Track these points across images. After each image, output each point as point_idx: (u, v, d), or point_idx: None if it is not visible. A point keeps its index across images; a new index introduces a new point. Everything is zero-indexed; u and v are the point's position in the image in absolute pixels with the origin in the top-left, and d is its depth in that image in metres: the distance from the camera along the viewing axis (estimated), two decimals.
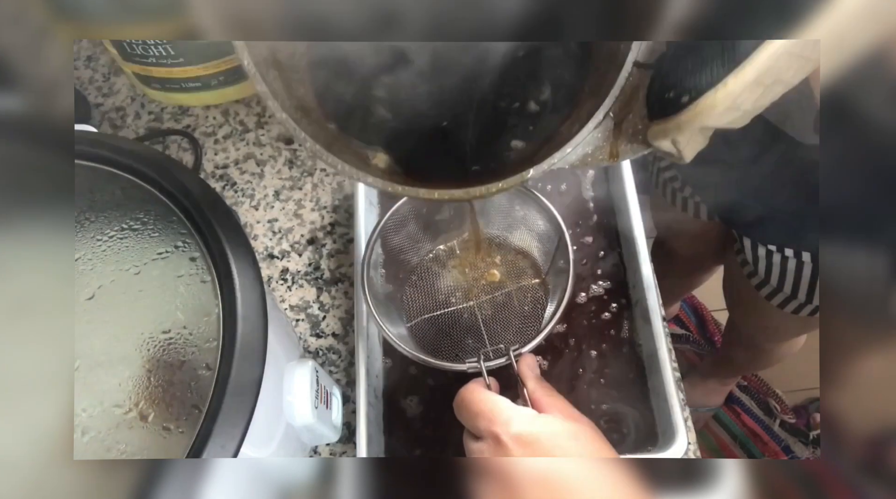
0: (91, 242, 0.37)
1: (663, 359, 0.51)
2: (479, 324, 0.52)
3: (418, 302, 0.54)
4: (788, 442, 1.26)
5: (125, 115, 0.72)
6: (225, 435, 0.31)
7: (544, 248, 0.53)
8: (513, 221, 0.54)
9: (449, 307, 0.53)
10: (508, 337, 0.51)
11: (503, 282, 0.54)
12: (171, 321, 0.35)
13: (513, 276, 0.54)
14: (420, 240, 0.55)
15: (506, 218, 0.54)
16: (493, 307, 0.53)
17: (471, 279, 0.54)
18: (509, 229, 0.55)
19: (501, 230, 0.55)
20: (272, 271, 0.63)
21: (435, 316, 0.53)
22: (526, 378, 0.41)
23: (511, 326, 0.52)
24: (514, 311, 0.53)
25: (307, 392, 0.45)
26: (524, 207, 0.53)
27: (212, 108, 0.72)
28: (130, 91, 0.73)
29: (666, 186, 0.82)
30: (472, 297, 0.53)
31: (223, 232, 0.36)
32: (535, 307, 0.52)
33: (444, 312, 0.53)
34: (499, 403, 0.37)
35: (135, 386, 0.33)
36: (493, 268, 0.55)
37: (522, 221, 0.54)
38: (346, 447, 0.55)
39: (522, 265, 0.54)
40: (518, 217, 0.54)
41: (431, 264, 0.55)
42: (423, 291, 0.54)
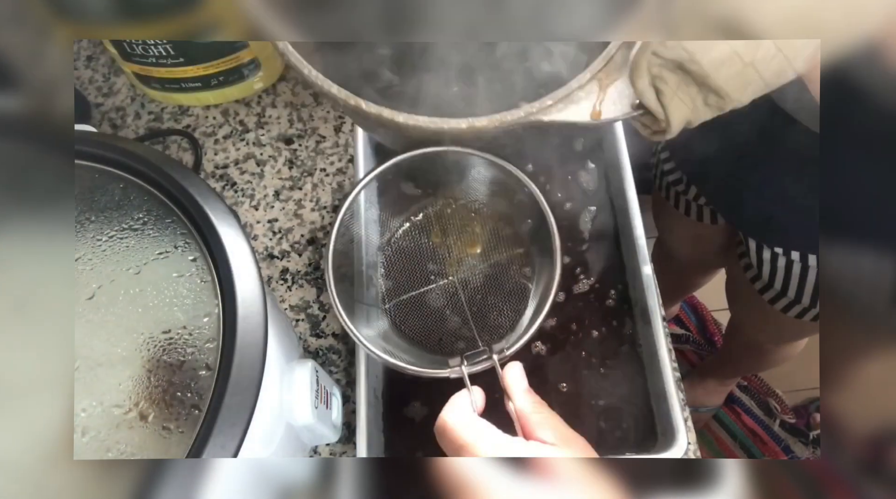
0: (91, 242, 0.37)
1: (663, 359, 0.51)
2: (461, 302, 0.49)
3: (395, 282, 0.52)
4: (788, 442, 1.26)
5: (125, 115, 0.72)
6: (225, 435, 0.31)
7: (526, 223, 0.52)
8: (494, 191, 0.52)
9: (428, 285, 0.51)
10: (495, 315, 0.49)
11: (485, 254, 0.52)
12: (171, 321, 0.35)
13: (493, 247, 0.52)
14: (393, 214, 0.53)
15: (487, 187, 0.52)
16: (475, 283, 0.51)
17: (449, 253, 0.52)
18: (490, 201, 0.53)
19: (482, 199, 0.53)
20: (272, 271, 0.63)
21: (413, 296, 0.50)
22: (512, 393, 0.39)
23: (495, 304, 0.50)
24: (498, 288, 0.51)
25: (307, 392, 0.45)
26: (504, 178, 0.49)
27: (212, 108, 0.72)
28: (130, 91, 0.73)
29: (669, 189, 0.82)
30: (452, 272, 0.51)
31: (223, 232, 0.36)
32: (521, 282, 0.50)
33: (423, 290, 0.51)
34: (483, 434, 0.35)
35: (135, 386, 0.33)
36: (474, 239, 0.53)
37: (502, 194, 0.51)
38: (346, 447, 0.55)
39: (504, 235, 0.52)
40: (498, 189, 0.51)
41: (405, 240, 0.53)
42: (399, 269, 0.52)
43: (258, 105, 0.71)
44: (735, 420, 1.29)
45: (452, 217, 0.53)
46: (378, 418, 0.53)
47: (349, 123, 0.70)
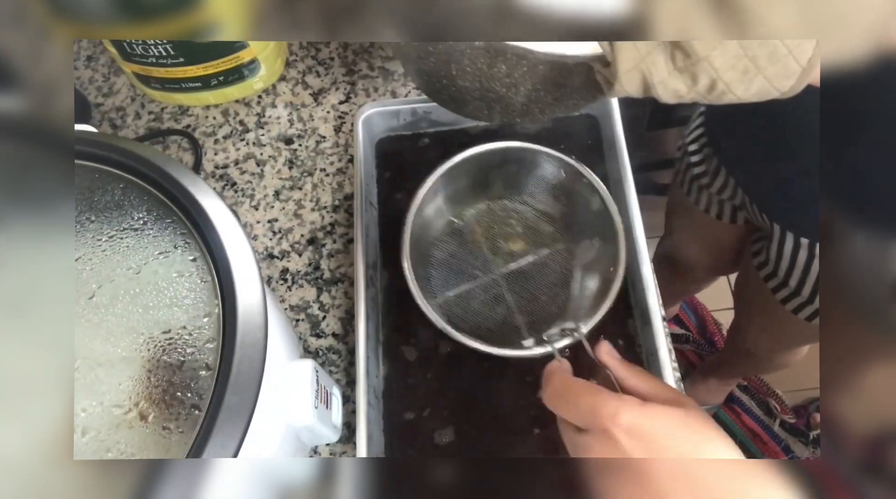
0: (91, 242, 0.37)
1: (663, 359, 0.51)
2: (507, 296, 0.52)
3: (442, 278, 0.54)
4: (788, 442, 1.26)
5: (125, 115, 0.72)
6: (225, 435, 0.31)
7: (568, 211, 0.53)
8: (535, 181, 0.54)
9: (474, 281, 0.53)
10: (539, 307, 0.51)
11: (527, 250, 0.54)
12: (171, 321, 0.35)
13: (536, 244, 0.54)
14: (441, 213, 0.55)
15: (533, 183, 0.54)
16: (519, 277, 0.53)
17: (493, 250, 0.54)
18: (532, 195, 0.55)
19: (523, 194, 0.55)
20: (272, 271, 0.63)
21: (461, 291, 0.53)
22: (611, 365, 0.39)
23: (539, 297, 0.52)
24: (540, 280, 0.53)
25: (307, 392, 0.45)
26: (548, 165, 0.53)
27: (212, 108, 0.72)
28: (130, 91, 0.73)
29: (693, 183, 0.79)
30: (496, 268, 0.53)
31: (223, 232, 0.36)
32: (563, 275, 0.52)
33: (469, 286, 0.53)
34: (601, 391, 0.35)
35: (135, 386, 0.33)
36: (517, 236, 0.55)
37: (545, 182, 0.54)
38: (346, 447, 0.55)
39: (546, 232, 0.54)
40: (543, 181, 0.54)
41: (451, 239, 0.55)
42: (446, 267, 0.54)
43: (258, 105, 0.71)
44: (735, 420, 1.29)
45: (498, 215, 0.55)
46: (378, 418, 0.53)
47: (349, 123, 0.70)
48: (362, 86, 0.72)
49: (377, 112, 0.63)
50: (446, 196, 0.55)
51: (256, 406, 0.32)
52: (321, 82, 0.72)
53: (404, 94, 0.71)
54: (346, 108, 0.71)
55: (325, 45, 0.74)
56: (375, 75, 0.72)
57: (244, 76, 0.69)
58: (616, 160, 0.60)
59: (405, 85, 0.71)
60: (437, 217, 0.55)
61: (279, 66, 0.72)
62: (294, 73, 0.73)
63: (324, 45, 0.74)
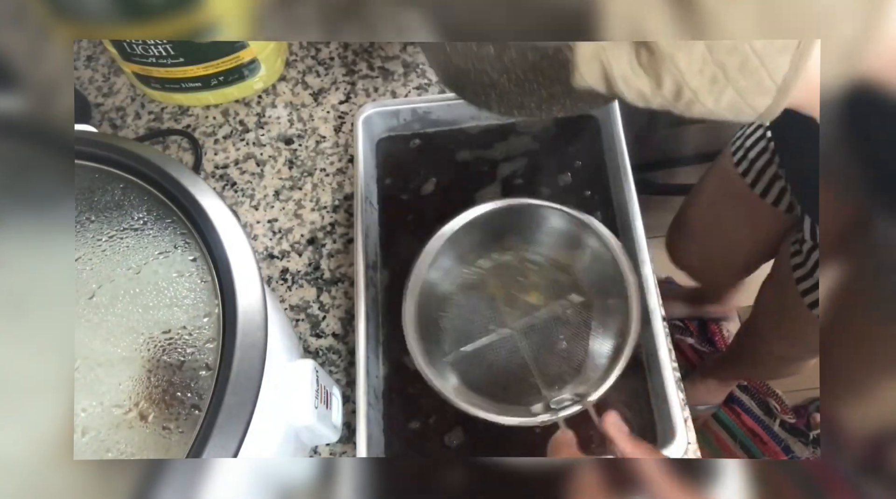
0: (91, 242, 0.37)
1: (663, 359, 0.51)
2: (522, 352, 0.50)
3: (454, 334, 0.52)
4: (788, 442, 1.26)
5: (125, 115, 0.72)
6: (225, 435, 0.31)
7: (583, 265, 0.52)
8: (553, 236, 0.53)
9: (488, 336, 0.51)
10: (556, 363, 0.50)
11: (543, 304, 0.52)
12: (171, 321, 0.35)
13: (552, 297, 0.52)
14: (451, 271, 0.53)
15: (544, 234, 0.53)
16: (534, 332, 0.51)
17: (508, 305, 0.52)
18: (549, 247, 0.54)
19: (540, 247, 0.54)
20: (272, 271, 0.63)
21: (475, 348, 0.51)
22: (616, 439, 0.39)
23: (557, 352, 0.50)
24: (557, 334, 0.51)
25: (307, 392, 0.45)
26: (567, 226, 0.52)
27: (212, 108, 0.72)
28: (130, 91, 0.73)
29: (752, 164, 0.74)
30: (511, 322, 0.51)
31: (223, 232, 0.36)
32: (581, 329, 0.51)
33: (482, 342, 0.51)
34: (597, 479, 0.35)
35: (135, 386, 0.33)
36: (532, 290, 0.53)
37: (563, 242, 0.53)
38: (346, 447, 0.55)
39: (563, 285, 0.52)
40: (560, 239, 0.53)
41: (464, 294, 0.53)
42: (460, 319, 0.52)
43: (258, 105, 0.71)
44: (735, 420, 1.29)
45: (512, 267, 0.54)
46: (378, 418, 0.53)
47: (349, 123, 0.70)
48: (362, 86, 0.72)
49: (377, 112, 0.63)
50: (455, 253, 0.53)
51: (256, 406, 0.32)
52: (321, 82, 0.72)
53: (404, 94, 0.71)
54: (346, 108, 0.71)
55: (325, 45, 0.74)
56: (375, 75, 0.72)
57: (244, 76, 0.69)
58: (616, 160, 0.60)
59: (405, 85, 0.71)
60: (446, 272, 0.53)
61: (279, 66, 0.72)
62: (294, 73, 0.73)
63: (324, 45, 0.74)
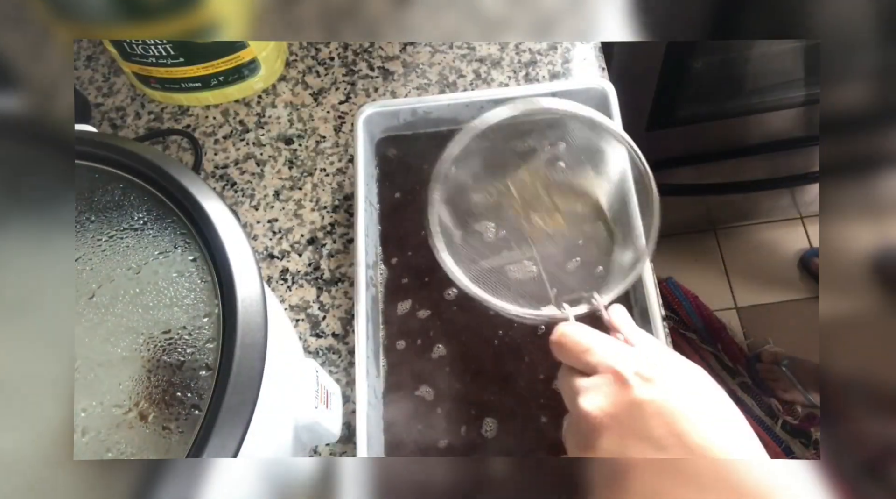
0: (91, 242, 0.37)
1: None
2: (541, 273, 0.49)
3: (474, 249, 0.51)
4: (789, 443, 1.26)
5: (125, 115, 0.72)
6: (225, 435, 0.31)
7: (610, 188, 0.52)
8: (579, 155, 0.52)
9: (509, 253, 0.51)
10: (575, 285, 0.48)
11: (565, 226, 0.52)
12: (171, 321, 0.35)
13: (575, 220, 0.52)
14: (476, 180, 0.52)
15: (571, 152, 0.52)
16: (555, 254, 0.51)
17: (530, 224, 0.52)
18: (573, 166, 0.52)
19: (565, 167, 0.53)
20: (272, 271, 0.63)
21: (494, 264, 0.50)
22: (622, 326, 0.38)
23: (576, 275, 0.50)
24: (577, 258, 0.51)
25: (307, 392, 0.45)
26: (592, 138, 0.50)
27: (212, 108, 0.72)
28: (130, 91, 0.73)
29: None
30: (533, 242, 0.51)
31: (223, 232, 0.36)
32: (600, 254, 0.51)
33: (502, 259, 0.51)
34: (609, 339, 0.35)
35: (135, 386, 0.33)
36: (555, 211, 0.52)
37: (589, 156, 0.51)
38: (346, 447, 0.55)
39: (585, 207, 0.52)
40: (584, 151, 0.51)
41: (486, 209, 0.53)
42: (479, 238, 0.52)
43: (258, 105, 0.71)
44: None
45: (535, 187, 0.53)
46: (378, 418, 0.53)
47: (349, 123, 0.70)
48: (362, 86, 0.72)
49: (377, 112, 0.63)
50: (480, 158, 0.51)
51: (256, 406, 0.32)
52: (321, 82, 0.72)
53: (404, 94, 0.71)
54: (346, 109, 0.71)
55: (325, 45, 0.74)
56: (375, 75, 0.72)
57: (244, 76, 0.69)
58: None
59: (405, 85, 0.71)
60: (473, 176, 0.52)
61: (279, 66, 0.72)
62: (294, 73, 0.73)
63: (324, 45, 0.74)
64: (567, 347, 0.36)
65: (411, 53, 0.73)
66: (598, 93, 0.61)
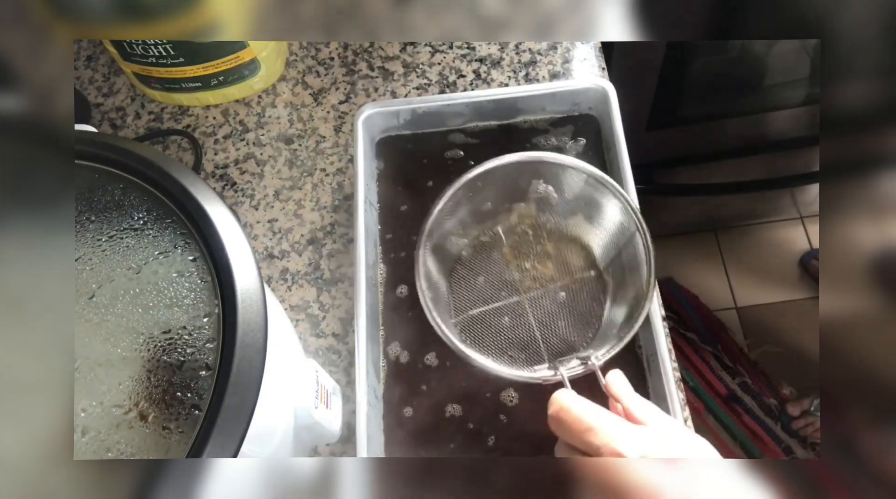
0: (91, 242, 0.37)
1: (663, 359, 0.51)
2: (530, 322, 0.50)
3: (463, 297, 0.52)
4: (789, 443, 1.26)
5: (125, 115, 0.72)
6: (225, 435, 0.31)
7: (603, 238, 0.52)
8: (571, 205, 0.52)
9: (497, 302, 0.51)
10: (565, 336, 0.49)
11: (556, 275, 0.52)
12: (171, 321, 0.35)
13: (566, 268, 0.52)
14: (465, 228, 0.53)
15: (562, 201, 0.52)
16: (545, 303, 0.51)
17: (520, 271, 0.52)
18: (564, 215, 0.53)
19: (556, 216, 0.53)
20: (272, 271, 0.63)
21: (483, 312, 0.51)
22: (621, 396, 0.38)
23: (566, 326, 0.50)
24: (568, 308, 0.51)
25: (307, 392, 0.45)
26: (586, 188, 0.51)
27: (212, 108, 0.72)
28: (130, 91, 0.73)
29: None
30: (523, 290, 0.51)
31: (223, 232, 0.36)
32: (592, 305, 0.51)
33: (491, 307, 0.51)
34: (613, 417, 0.34)
35: (135, 386, 0.33)
36: (546, 259, 0.52)
37: (581, 206, 0.52)
38: (346, 447, 0.55)
39: (577, 256, 0.52)
40: (576, 200, 0.52)
41: (476, 256, 0.53)
42: (468, 285, 0.53)
43: (258, 105, 0.71)
44: (736, 421, 1.29)
45: (525, 235, 0.53)
46: (378, 418, 0.53)
47: (349, 123, 0.70)
48: (362, 86, 0.72)
49: (377, 112, 0.63)
50: (469, 210, 0.52)
51: (256, 406, 0.32)
52: (321, 82, 0.72)
53: (404, 94, 0.71)
54: (346, 109, 0.71)
55: (325, 45, 0.74)
56: (375, 75, 0.72)
57: (244, 76, 0.69)
58: (616, 160, 0.60)
59: (405, 85, 0.71)
60: (461, 224, 0.53)
61: (279, 66, 0.72)
62: (294, 73, 0.73)
63: (324, 45, 0.74)
64: (567, 424, 0.35)
65: (411, 53, 0.73)
66: (598, 93, 0.61)
